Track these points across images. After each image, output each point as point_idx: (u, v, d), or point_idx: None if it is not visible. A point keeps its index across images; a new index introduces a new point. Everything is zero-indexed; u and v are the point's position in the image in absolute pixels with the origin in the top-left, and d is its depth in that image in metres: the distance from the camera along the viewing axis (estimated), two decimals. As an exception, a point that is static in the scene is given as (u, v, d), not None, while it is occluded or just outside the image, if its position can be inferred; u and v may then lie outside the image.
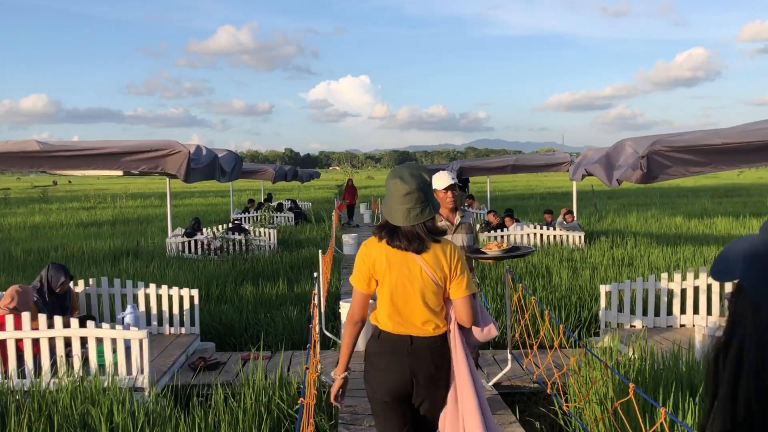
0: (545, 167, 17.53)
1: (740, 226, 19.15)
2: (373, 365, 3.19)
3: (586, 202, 29.37)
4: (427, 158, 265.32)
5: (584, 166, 7.41)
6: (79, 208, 32.37)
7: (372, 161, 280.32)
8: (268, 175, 19.93)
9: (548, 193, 43.20)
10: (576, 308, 8.60)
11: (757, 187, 49.23)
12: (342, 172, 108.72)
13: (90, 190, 48.64)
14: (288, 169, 23.19)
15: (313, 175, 34.93)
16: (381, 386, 3.14)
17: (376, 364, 3.18)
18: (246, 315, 8.62)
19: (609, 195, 38.00)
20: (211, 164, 7.19)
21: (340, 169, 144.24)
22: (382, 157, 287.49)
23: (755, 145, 5.80)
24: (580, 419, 4.97)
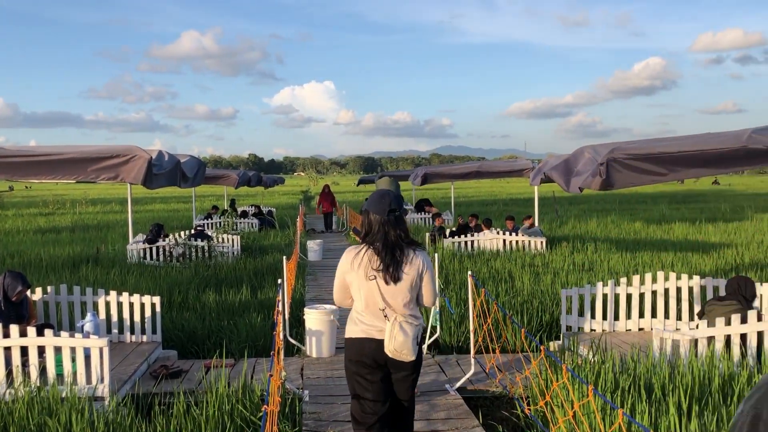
0: (507, 173, 17.78)
1: (696, 232, 19.64)
2: None
3: (547, 208, 29.78)
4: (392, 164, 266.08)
5: (543, 172, 7.55)
6: (36, 214, 31.62)
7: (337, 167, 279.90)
8: (231, 180, 19.78)
9: (511, 199, 43.69)
10: (538, 312, 8.72)
11: (714, 193, 50.55)
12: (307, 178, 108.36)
13: (48, 196, 47.60)
14: (252, 175, 23.02)
15: (278, 181, 34.75)
16: None
17: None
18: (209, 322, 8.53)
19: (570, 201, 38.62)
20: (173, 170, 7.11)
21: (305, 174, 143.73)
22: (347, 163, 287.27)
23: (711, 154, 5.98)
24: (542, 422, 5.05)
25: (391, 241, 3.89)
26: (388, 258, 3.87)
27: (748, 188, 61.63)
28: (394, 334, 3.80)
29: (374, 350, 3.91)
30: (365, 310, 3.95)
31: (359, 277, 3.91)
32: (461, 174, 18.50)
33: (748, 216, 25.66)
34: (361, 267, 3.90)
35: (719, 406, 4.70)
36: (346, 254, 4.01)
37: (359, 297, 3.96)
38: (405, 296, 3.90)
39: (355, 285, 3.94)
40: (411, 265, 3.91)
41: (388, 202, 3.94)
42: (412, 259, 3.92)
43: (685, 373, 5.21)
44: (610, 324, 7.81)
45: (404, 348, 3.80)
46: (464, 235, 15.77)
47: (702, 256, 13.56)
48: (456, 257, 13.76)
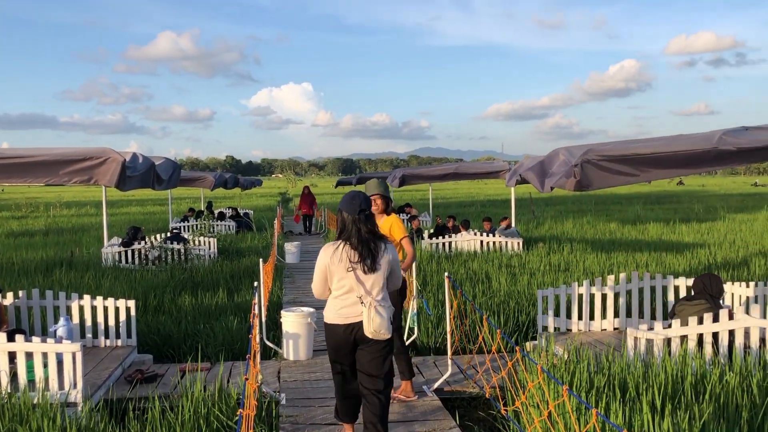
0: (484, 175, 17.87)
1: (670, 232, 19.90)
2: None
3: (524, 209, 29.99)
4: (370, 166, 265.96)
5: (519, 173, 7.60)
6: (9, 218, 31.12)
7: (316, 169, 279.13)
8: (208, 182, 19.62)
9: (489, 201, 43.93)
10: (514, 313, 8.77)
11: (686, 194, 51.29)
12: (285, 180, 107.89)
13: (22, 199, 46.83)
14: (228, 177, 22.83)
15: (255, 183, 34.54)
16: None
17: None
18: (185, 326, 8.46)
19: (546, 202, 38.92)
20: (147, 172, 7.04)
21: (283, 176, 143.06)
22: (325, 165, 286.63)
23: (682, 155, 6.06)
24: (518, 422, 5.07)
25: (364, 237, 4.46)
26: (364, 251, 4.44)
27: (721, 189, 62.63)
28: (371, 317, 4.35)
29: (350, 334, 4.48)
30: (344, 298, 4.48)
31: (339, 269, 4.45)
32: (439, 175, 18.55)
33: (720, 216, 26.07)
34: (341, 260, 4.44)
35: (692, 404, 4.77)
36: (325, 249, 4.54)
37: (339, 287, 4.48)
38: (379, 284, 4.49)
39: (336, 276, 4.47)
40: (384, 256, 4.50)
41: (358, 203, 4.52)
42: (384, 251, 4.52)
43: (658, 372, 5.27)
44: (586, 324, 7.88)
45: (382, 328, 4.37)
46: (442, 236, 15.83)
47: (676, 256, 13.74)
48: (434, 258, 13.80)
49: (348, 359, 4.60)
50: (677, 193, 53.32)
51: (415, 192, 58.98)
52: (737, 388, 5.03)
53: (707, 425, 4.40)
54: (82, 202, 46.06)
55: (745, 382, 5.17)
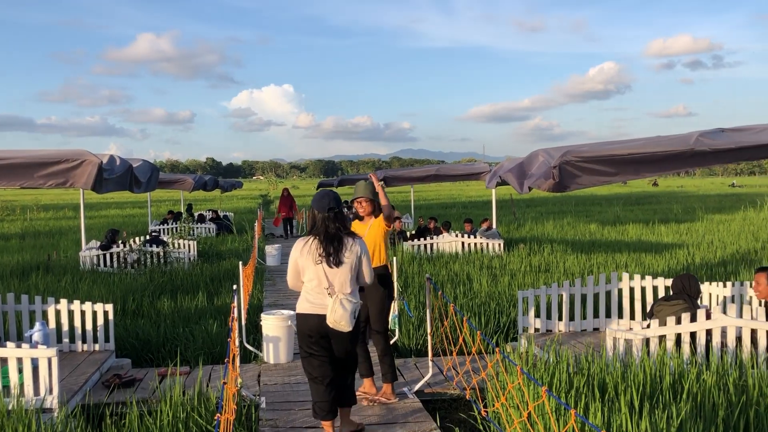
0: (465, 176, 17.93)
1: (650, 233, 20.09)
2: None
3: (505, 210, 30.13)
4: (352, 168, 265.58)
5: (499, 175, 7.62)
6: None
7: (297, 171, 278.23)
8: (187, 185, 19.47)
9: (470, 202, 44.09)
10: (495, 314, 8.80)
11: (666, 194, 51.83)
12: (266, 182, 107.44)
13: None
14: (208, 179, 22.68)
15: (235, 185, 34.35)
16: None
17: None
18: (164, 329, 8.38)
19: (527, 203, 39.14)
20: (124, 174, 6.96)
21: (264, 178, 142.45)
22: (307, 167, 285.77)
23: (659, 155, 6.11)
24: (498, 423, 5.08)
25: (331, 233, 4.80)
26: (330, 247, 4.77)
27: (699, 190, 63.39)
28: (334, 308, 4.69)
29: (317, 324, 4.81)
30: (313, 290, 4.83)
31: (308, 262, 4.81)
32: (420, 177, 18.57)
33: (698, 217, 26.38)
34: (309, 254, 4.80)
35: (670, 404, 4.80)
36: (297, 244, 4.91)
37: (309, 279, 4.83)
38: (346, 277, 4.81)
39: (306, 269, 4.83)
40: (350, 251, 4.82)
41: (327, 201, 4.86)
42: (351, 247, 4.84)
43: (637, 372, 5.31)
44: (566, 324, 7.93)
45: (342, 320, 4.68)
46: (423, 238, 15.85)
47: (655, 257, 13.87)
48: (415, 260, 13.81)
49: (320, 345, 4.87)
50: (656, 194, 53.88)
51: (397, 194, 59.04)
52: (714, 387, 5.07)
53: (684, 424, 4.43)
54: (60, 205, 45.51)
55: (722, 381, 5.22)
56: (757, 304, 6.99)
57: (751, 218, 24.87)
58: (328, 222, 4.82)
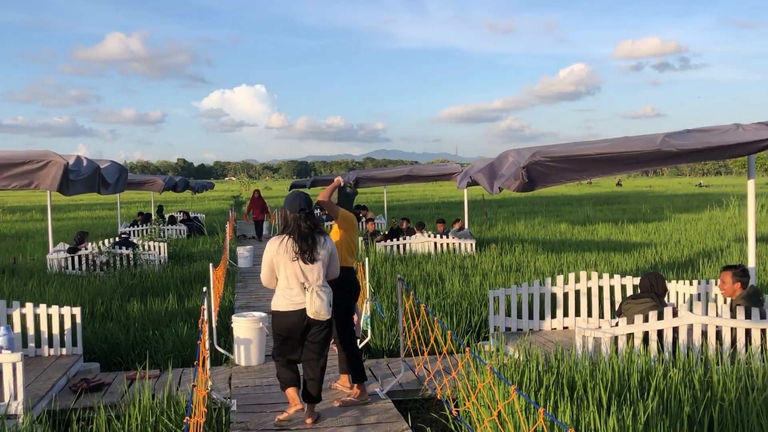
0: (438, 177, 17.99)
1: (619, 232, 20.37)
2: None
3: (477, 210, 30.30)
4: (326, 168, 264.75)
5: (470, 175, 7.67)
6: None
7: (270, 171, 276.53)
8: (157, 186, 19.23)
9: (443, 203, 44.26)
10: (467, 314, 8.84)
11: (634, 194, 52.59)
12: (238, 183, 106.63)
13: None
14: (178, 180, 22.42)
15: (207, 186, 34.04)
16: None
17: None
18: (133, 332, 8.28)
19: (499, 204, 39.42)
20: (92, 176, 6.85)
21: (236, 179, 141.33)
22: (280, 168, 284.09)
23: (627, 155, 6.20)
24: (469, 423, 5.11)
25: (305, 232, 5.16)
26: (304, 245, 5.13)
27: (667, 189, 64.44)
28: (313, 300, 5.08)
29: (297, 320, 5.18)
30: (289, 285, 5.17)
31: (284, 260, 5.14)
32: (392, 178, 18.58)
33: (666, 216, 26.82)
34: (286, 252, 5.14)
35: (637, 401, 4.88)
36: (271, 243, 5.22)
37: (285, 276, 5.17)
38: (319, 272, 5.20)
39: (282, 266, 5.16)
40: (323, 248, 5.23)
41: (299, 203, 5.20)
42: (323, 244, 5.24)
43: (605, 369, 5.38)
44: (536, 323, 8.00)
45: (322, 310, 5.09)
46: (396, 238, 15.87)
47: (624, 256, 14.07)
48: (388, 261, 13.82)
49: (295, 339, 5.26)
50: (625, 193, 54.64)
51: (370, 194, 59.04)
52: (680, 384, 5.17)
53: (651, 420, 4.50)
54: (27, 207, 44.65)
55: (688, 378, 5.32)
56: (722, 301, 7.13)
57: (717, 217, 25.36)
58: (301, 222, 5.17)
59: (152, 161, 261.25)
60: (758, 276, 11.00)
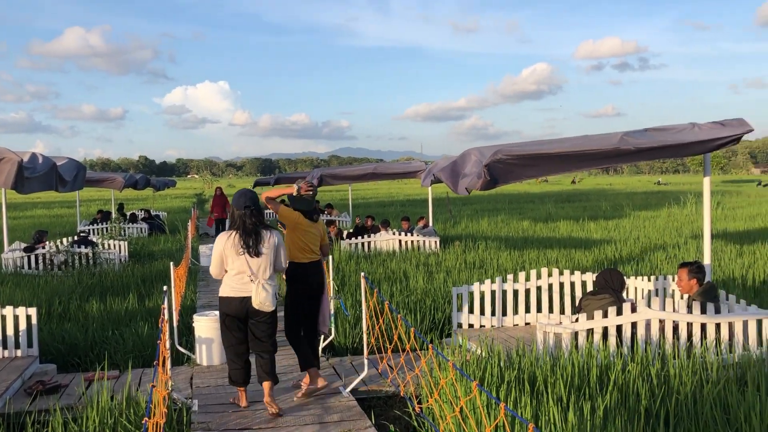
0: (403, 175, 18.01)
1: (579, 229, 20.68)
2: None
3: (442, 208, 30.46)
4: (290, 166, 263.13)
5: (434, 173, 7.70)
6: None
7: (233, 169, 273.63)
8: (117, 183, 18.88)
9: (408, 200, 44.37)
10: (431, 311, 8.88)
11: (595, 192, 53.46)
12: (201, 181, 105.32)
13: None
14: (139, 178, 22.04)
15: (168, 184, 33.53)
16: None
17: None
18: (92, 333, 8.12)
19: (463, 201, 39.69)
20: (48, 173, 6.69)
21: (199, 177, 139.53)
22: (243, 165, 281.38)
23: (585, 153, 6.30)
24: (432, 419, 5.13)
25: (249, 228, 5.50)
26: (249, 240, 5.48)
27: (627, 187, 65.66)
28: (258, 291, 5.42)
29: (241, 304, 5.52)
30: (236, 277, 5.51)
31: (231, 253, 5.49)
32: (357, 176, 18.55)
33: (626, 213, 27.32)
34: (233, 247, 5.48)
35: (596, 395, 4.96)
36: (220, 237, 5.58)
37: (232, 268, 5.51)
38: (265, 265, 5.54)
39: (230, 259, 5.51)
40: (268, 243, 5.56)
41: (244, 201, 5.55)
42: (268, 239, 5.57)
43: (566, 365, 5.46)
44: (499, 319, 8.08)
45: (266, 301, 5.45)
46: (361, 236, 15.86)
47: (584, 252, 14.29)
48: (353, 258, 13.81)
49: (240, 327, 5.61)
50: (585, 191, 55.50)
51: (335, 192, 58.92)
52: (638, 378, 5.27)
53: (609, 414, 4.58)
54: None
55: (645, 372, 5.43)
56: (679, 297, 7.29)
57: (675, 215, 25.92)
58: (246, 218, 5.51)
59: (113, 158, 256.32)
60: (714, 272, 11.29)
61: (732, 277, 10.71)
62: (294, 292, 6.22)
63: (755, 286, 9.99)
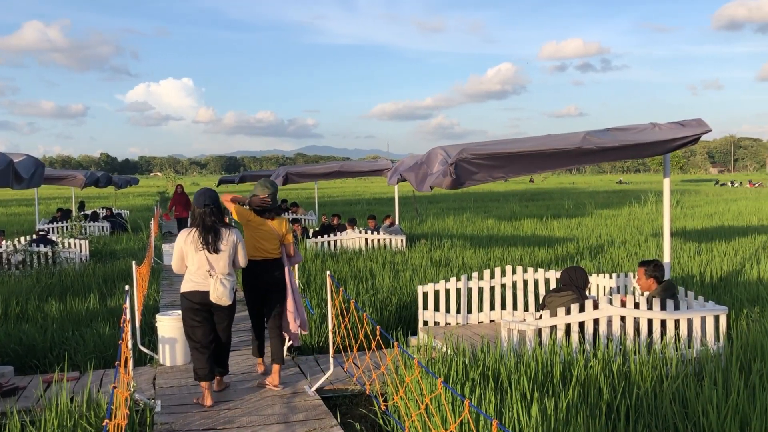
0: (369, 173, 18.03)
1: (543, 228, 20.94)
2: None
3: (408, 207, 30.56)
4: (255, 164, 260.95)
5: (400, 172, 7.72)
6: None
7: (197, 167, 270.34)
8: (77, 181, 18.47)
9: (374, 199, 44.39)
10: (397, 309, 8.90)
11: (558, 191, 54.19)
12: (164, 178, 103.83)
13: None
14: (101, 175, 21.59)
15: (131, 182, 32.93)
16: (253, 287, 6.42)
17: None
18: (51, 334, 7.94)
19: (429, 200, 39.87)
20: (4, 170, 6.51)
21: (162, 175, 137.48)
22: (208, 163, 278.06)
23: (548, 152, 6.38)
24: (397, 417, 5.15)
25: (208, 225, 5.76)
26: (208, 237, 5.73)
27: (589, 186, 66.70)
28: (216, 286, 5.69)
29: (201, 298, 5.77)
30: (196, 272, 5.78)
31: (191, 249, 5.74)
32: (323, 174, 18.51)
33: (588, 212, 27.75)
34: (192, 243, 5.74)
35: (559, 391, 5.03)
36: (181, 234, 5.82)
37: (192, 263, 5.77)
38: (224, 262, 5.79)
39: (190, 255, 5.77)
40: (227, 240, 5.81)
41: (203, 199, 5.80)
42: (227, 236, 5.83)
43: (529, 361, 5.52)
44: (464, 317, 8.13)
45: (223, 296, 5.70)
46: (327, 234, 15.81)
47: (548, 250, 14.48)
48: (318, 257, 13.76)
49: (206, 318, 5.85)
50: (549, 190, 56.21)
51: (301, 191, 58.62)
52: (600, 374, 5.36)
53: (571, 410, 4.65)
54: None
55: (607, 368, 5.52)
56: (639, 293, 7.43)
57: (636, 213, 26.41)
58: (205, 216, 5.76)
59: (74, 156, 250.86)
60: (673, 269, 11.54)
61: (690, 274, 10.96)
62: (246, 289, 6.51)
63: (713, 283, 10.23)
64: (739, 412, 4.65)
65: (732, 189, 54.42)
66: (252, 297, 6.52)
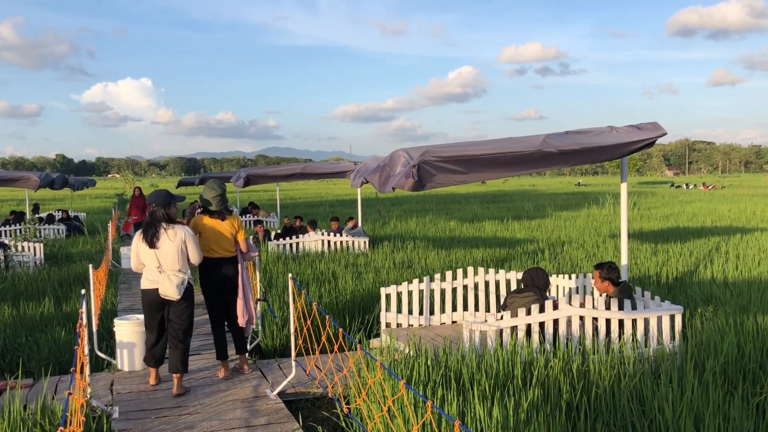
0: (331, 175, 17.97)
1: (504, 229, 21.17)
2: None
3: (371, 209, 30.57)
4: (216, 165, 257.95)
5: (363, 175, 7.71)
6: None
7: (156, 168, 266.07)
8: (31, 183, 17.99)
9: (337, 201, 44.29)
10: (360, 311, 8.89)
11: (519, 193, 54.84)
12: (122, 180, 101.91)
13: None
14: (56, 177, 21.05)
15: (87, 183, 32.21)
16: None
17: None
18: (3, 340, 7.72)
19: (392, 202, 39.94)
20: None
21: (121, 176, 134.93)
22: (167, 164, 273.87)
23: (510, 157, 6.44)
24: (360, 420, 5.14)
25: (149, 223, 6.13)
26: (148, 233, 6.11)
27: (549, 188, 67.65)
28: (163, 281, 6.03)
29: (154, 296, 6.14)
30: (148, 269, 6.16)
31: (143, 247, 6.14)
32: (285, 175, 18.39)
33: (548, 214, 28.14)
34: (143, 241, 6.13)
35: (520, 390, 5.08)
36: (137, 234, 6.20)
37: (145, 260, 6.15)
38: (173, 258, 6.09)
39: (143, 253, 6.16)
40: (174, 237, 6.10)
41: (152, 199, 6.18)
42: (175, 233, 6.12)
43: (491, 362, 5.57)
44: (426, 318, 8.17)
45: (169, 290, 6.02)
46: (289, 237, 15.71)
47: (509, 252, 14.63)
48: (280, 260, 13.66)
49: (157, 316, 6.23)
50: (510, 192, 56.86)
51: (263, 192, 58.17)
52: (560, 373, 5.43)
53: (532, 409, 4.70)
54: None
55: (567, 367, 5.60)
56: (598, 294, 7.56)
57: (594, 215, 26.88)
58: (152, 215, 6.15)
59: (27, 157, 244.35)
60: (630, 270, 11.77)
61: (647, 275, 11.20)
62: (203, 289, 6.73)
63: (668, 283, 10.47)
64: (694, 409, 4.77)
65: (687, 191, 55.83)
66: (208, 297, 6.76)
